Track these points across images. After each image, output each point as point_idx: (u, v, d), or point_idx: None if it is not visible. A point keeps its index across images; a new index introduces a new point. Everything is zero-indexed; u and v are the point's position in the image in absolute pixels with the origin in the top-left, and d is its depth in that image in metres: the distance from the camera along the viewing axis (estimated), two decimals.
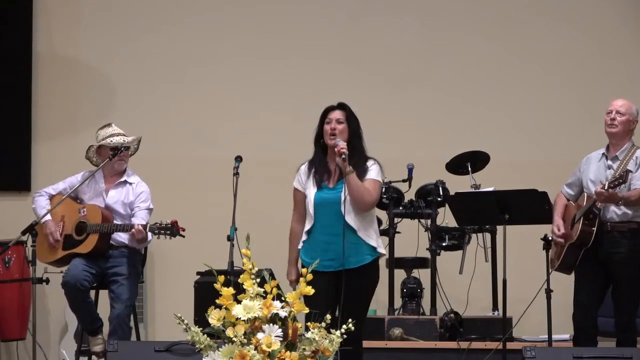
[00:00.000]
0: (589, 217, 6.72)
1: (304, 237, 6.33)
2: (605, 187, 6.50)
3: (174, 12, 9.33)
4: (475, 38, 9.35)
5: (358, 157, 6.36)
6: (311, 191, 6.34)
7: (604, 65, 9.31)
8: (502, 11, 9.39)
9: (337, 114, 6.40)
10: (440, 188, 8.19)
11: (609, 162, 6.83)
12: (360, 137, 6.43)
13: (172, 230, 6.91)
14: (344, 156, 6.19)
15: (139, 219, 7.10)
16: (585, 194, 6.82)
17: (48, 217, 7.16)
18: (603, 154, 6.88)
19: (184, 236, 6.99)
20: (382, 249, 6.47)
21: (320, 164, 6.36)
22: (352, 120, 6.41)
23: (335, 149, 6.24)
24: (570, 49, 9.35)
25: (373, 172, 6.38)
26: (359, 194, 6.23)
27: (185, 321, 5.11)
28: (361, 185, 6.26)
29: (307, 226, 6.33)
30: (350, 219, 6.26)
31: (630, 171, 6.68)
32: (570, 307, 6.93)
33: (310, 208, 6.30)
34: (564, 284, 7.13)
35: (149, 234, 7.00)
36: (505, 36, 9.36)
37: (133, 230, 6.94)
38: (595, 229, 6.70)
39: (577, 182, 6.98)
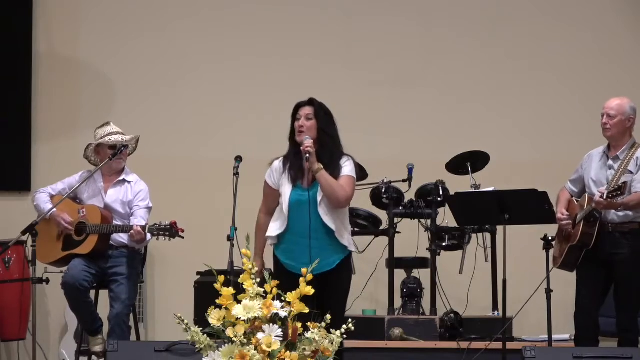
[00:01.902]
0: (590, 219, 6.72)
1: (278, 232, 6.27)
2: (604, 197, 6.51)
3: (173, 12, 9.33)
4: (475, 38, 9.35)
5: (330, 154, 6.29)
6: (286, 189, 6.28)
7: (605, 65, 9.31)
8: (503, 11, 9.39)
9: (305, 110, 6.33)
10: (440, 188, 8.18)
11: (610, 162, 6.83)
12: (332, 134, 6.33)
13: (171, 231, 6.91)
14: (307, 155, 6.14)
15: (138, 219, 7.10)
16: (586, 195, 6.82)
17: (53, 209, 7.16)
18: (604, 152, 6.88)
19: (183, 237, 6.99)
20: (353, 247, 6.42)
21: (294, 163, 6.31)
22: (321, 116, 6.32)
23: (301, 148, 6.20)
24: (570, 49, 9.35)
25: (347, 168, 6.30)
26: (331, 190, 6.18)
27: (185, 321, 5.12)
28: (333, 181, 6.20)
29: (281, 227, 6.29)
30: (328, 219, 6.23)
31: (630, 172, 6.70)
32: (570, 307, 6.94)
33: (285, 207, 6.26)
34: (564, 284, 7.13)
35: (148, 234, 7.00)
36: (506, 36, 9.36)
37: (132, 232, 6.95)
38: (596, 230, 6.71)
39: (580, 179, 6.99)
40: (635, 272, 6.72)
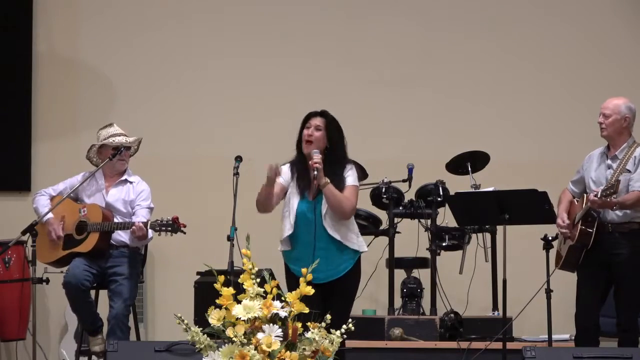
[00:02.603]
0: (588, 219, 6.72)
1: (289, 233, 6.34)
2: (598, 196, 6.51)
3: (174, 12, 9.33)
4: (475, 38, 9.35)
5: (336, 165, 6.36)
6: (294, 200, 6.37)
7: (604, 64, 9.31)
8: (503, 11, 9.39)
9: (316, 121, 6.39)
10: (440, 188, 8.19)
11: (609, 162, 6.83)
12: (341, 146, 6.42)
13: (173, 226, 6.92)
14: (315, 172, 6.21)
15: (140, 217, 7.11)
16: (585, 195, 6.83)
17: (50, 215, 7.16)
18: (604, 152, 6.89)
19: (185, 232, 6.99)
20: (364, 247, 6.50)
21: (302, 174, 6.39)
22: (332, 129, 6.39)
23: (309, 162, 6.27)
24: (570, 49, 9.35)
25: (350, 178, 6.39)
26: (338, 204, 6.28)
27: (185, 321, 5.11)
28: (339, 195, 6.28)
29: (289, 230, 6.35)
30: (332, 230, 6.31)
31: (629, 171, 6.70)
32: (570, 307, 6.93)
33: (292, 217, 6.34)
34: (564, 284, 7.13)
35: (150, 231, 7.00)
36: (506, 36, 9.36)
37: (133, 227, 6.95)
38: (594, 230, 6.70)
39: (581, 180, 6.99)
40: (635, 273, 6.72)
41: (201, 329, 5.08)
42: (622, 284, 6.77)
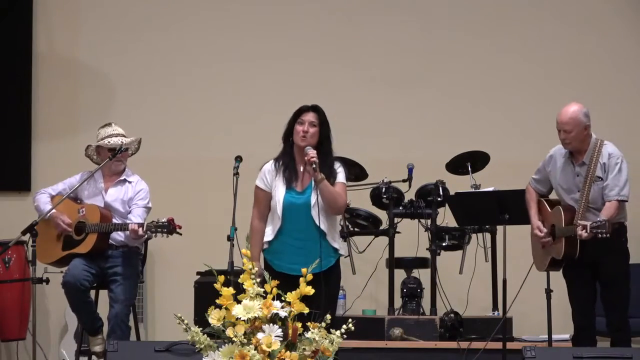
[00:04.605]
0: (571, 237, 6.67)
1: (270, 238, 6.32)
2: (587, 231, 6.44)
3: (174, 12, 9.34)
4: (475, 38, 9.36)
5: (326, 161, 6.35)
6: (280, 191, 6.33)
7: (605, 65, 9.31)
8: (502, 11, 9.39)
9: (310, 116, 6.36)
10: (440, 188, 8.18)
11: (577, 169, 6.72)
12: (330, 141, 6.41)
13: (169, 227, 6.89)
14: (314, 166, 6.20)
15: (135, 217, 7.11)
16: (561, 208, 6.74)
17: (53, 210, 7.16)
18: (569, 158, 6.79)
19: (180, 234, 6.97)
20: (344, 250, 6.55)
21: (289, 165, 6.37)
22: (324, 125, 6.38)
23: (305, 158, 6.25)
24: (570, 49, 9.35)
25: (341, 175, 6.39)
26: (333, 199, 6.27)
27: (185, 321, 5.12)
28: (333, 190, 6.29)
29: (273, 232, 6.31)
30: (321, 223, 6.28)
31: (600, 178, 6.61)
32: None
33: (279, 209, 6.29)
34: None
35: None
36: (506, 36, 9.36)
37: (128, 231, 6.95)
38: (578, 243, 6.63)
39: (545, 180, 6.90)
40: (620, 272, 6.69)
41: (201, 329, 5.09)
42: (609, 284, 6.72)
